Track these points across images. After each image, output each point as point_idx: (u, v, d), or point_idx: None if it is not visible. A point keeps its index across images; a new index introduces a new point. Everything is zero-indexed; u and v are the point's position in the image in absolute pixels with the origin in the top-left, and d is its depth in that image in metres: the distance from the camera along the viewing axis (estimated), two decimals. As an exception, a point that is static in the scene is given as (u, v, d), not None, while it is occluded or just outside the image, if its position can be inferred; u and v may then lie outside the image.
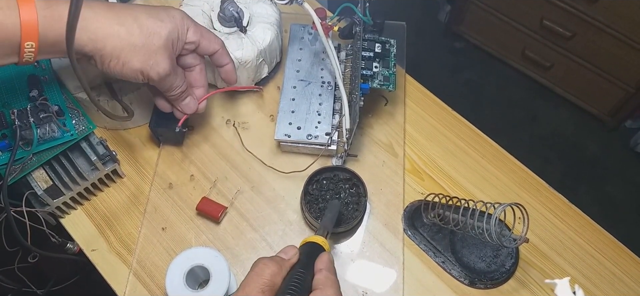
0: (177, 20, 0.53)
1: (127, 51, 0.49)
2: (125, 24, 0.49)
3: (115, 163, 0.61)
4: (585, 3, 1.35)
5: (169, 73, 0.52)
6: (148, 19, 0.50)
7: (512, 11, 1.52)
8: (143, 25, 0.49)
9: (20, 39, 0.43)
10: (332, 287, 0.42)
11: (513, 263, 0.60)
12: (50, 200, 0.57)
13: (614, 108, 1.54)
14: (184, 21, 0.54)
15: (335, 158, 0.65)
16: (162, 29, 0.51)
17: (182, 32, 0.53)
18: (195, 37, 0.55)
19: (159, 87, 0.54)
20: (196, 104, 0.59)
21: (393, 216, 0.63)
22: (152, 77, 0.52)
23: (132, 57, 0.49)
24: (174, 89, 0.55)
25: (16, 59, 0.45)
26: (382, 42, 0.66)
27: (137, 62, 0.50)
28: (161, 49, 0.51)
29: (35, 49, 0.45)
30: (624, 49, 1.37)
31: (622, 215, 1.51)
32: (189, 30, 0.54)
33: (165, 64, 0.51)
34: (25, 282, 0.65)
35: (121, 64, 0.49)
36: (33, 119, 0.54)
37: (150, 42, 0.50)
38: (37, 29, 0.44)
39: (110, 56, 0.49)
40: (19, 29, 0.43)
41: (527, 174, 0.67)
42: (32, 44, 0.44)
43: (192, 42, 0.55)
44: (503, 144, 0.69)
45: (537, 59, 1.58)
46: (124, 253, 0.60)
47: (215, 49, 0.58)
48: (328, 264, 0.44)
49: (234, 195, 0.63)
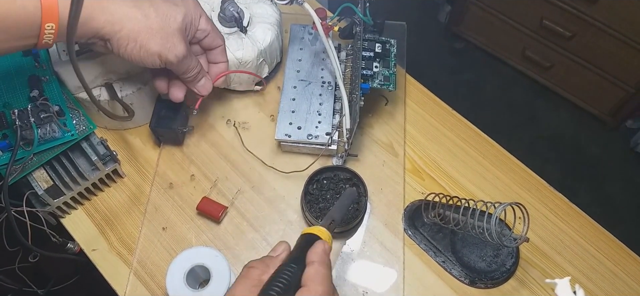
0: (190, 6, 0.53)
1: (144, 33, 0.49)
2: (142, 7, 0.49)
3: (115, 162, 0.61)
4: (585, 3, 1.35)
5: (186, 55, 0.53)
6: (164, 2, 0.51)
7: (512, 11, 1.52)
8: (159, 9, 0.50)
9: (41, 20, 0.43)
10: (322, 283, 0.38)
11: (513, 262, 0.60)
12: (51, 200, 0.57)
13: (614, 108, 1.54)
14: (197, 8, 0.54)
15: (335, 158, 0.65)
16: (177, 13, 0.51)
17: (195, 18, 0.54)
18: (207, 27, 0.56)
19: (176, 69, 0.54)
20: (211, 85, 0.59)
21: (393, 216, 0.63)
22: (170, 60, 0.52)
23: (150, 40, 0.50)
24: (190, 71, 0.55)
25: (35, 41, 0.45)
26: (383, 42, 0.67)
27: (154, 45, 0.50)
28: (177, 32, 0.51)
29: (55, 31, 0.44)
30: (624, 49, 1.37)
31: (622, 215, 1.51)
32: (201, 18, 0.55)
33: (182, 46, 0.52)
34: (26, 282, 0.65)
35: (139, 47, 0.49)
36: (34, 119, 0.54)
37: (166, 25, 0.50)
38: (58, 10, 0.43)
39: (127, 38, 0.49)
40: (40, 10, 0.43)
41: (528, 173, 0.67)
42: (53, 25, 0.44)
43: (203, 30, 0.56)
44: (503, 144, 0.69)
45: (537, 59, 1.58)
46: (124, 252, 0.60)
47: (219, 44, 0.59)
48: (321, 256, 0.40)
49: (234, 195, 0.63)
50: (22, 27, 0.43)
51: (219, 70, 0.60)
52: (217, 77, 0.60)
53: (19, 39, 0.44)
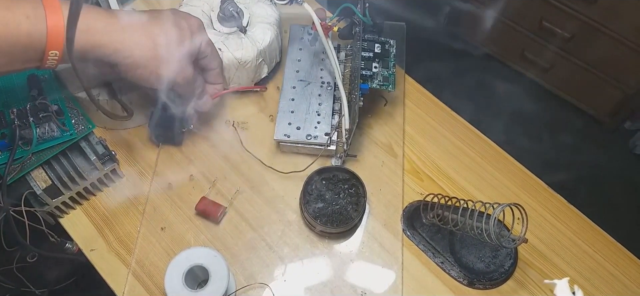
0: (195, 29, 0.54)
1: (153, 60, 0.50)
2: (151, 34, 0.50)
3: (114, 162, 0.61)
4: (584, 4, 1.35)
5: (193, 79, 0.55)
6: (172, 27, 0.51)
7: (511, 12, 1.52)
8: (168, 34, 0.51)
9: (46, 47, 0.44)
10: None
11: (512, 263, 0.60)
12: (50, 200, 0.57)
13: (613, 109, 1.54)
14: (202, 30, 0.55)
15: (334, 158, 0.65)
16: (185, 38, 0.52)
17: (200, 42, 0.55)
18: (207, 50, 0.57)
19: (182, 91, 0.56)
20: (211, 102, 0.61)
21: (392, 217, 0.63)
22: (178, 83, 0.53)
23: (158, 66, 0.51)
24: (195, 91, 0.57)
25: (39, 64, 0.46)
26: (382, 43, 0.67)
27: (164, 71, 0.51)
28: (185, 56, 0.53)
29: (59, 57, 0.45)
30: (623, 50, 1.38)
31: (621, 216, 1.51)
32: (203, 42, 0.56)
33: (189, 69, 0.54)
34: (24, 282, 0.65)
35: (148, 72, 0.51)
36: (32, 118, 0.54)
37: (175, 51, 0.51)
38: (63, 40, 0.44)
39: (136, 65, 0.50)
40: (45, 38, 0.44)
41: (526, 175, 0.67)
42: (56, 53, 0.45)
43: (204, 52, 0.57)
44: (502, 145, 0.69)
45: (537, 60, 1.58)
46: (123, 253, 0.60)
47: (215, 66, 0.59)
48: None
49: (233, 195, 0.63)
50: (27, 53, 0.44)
51: (213, 91, 0.61)
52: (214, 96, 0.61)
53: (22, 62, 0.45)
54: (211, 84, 0.61)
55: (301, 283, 0.58)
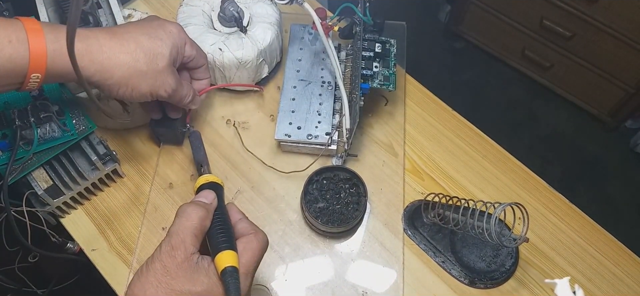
0: (175, 36, 0.53)
1: (134, 77, 0.50)
2: (130, 51, 0.49)
3: (115, 162, 0.61)
4: (585, 3, 1.35)
5: (176, 88, 0.54)
6: (149, 40, 0.51)
7: (512, 11, 1.52)
8: (146, 49, 0.50)
9: (28, 70, 0.44)
10: (258, 232, 0.46)
11: (513, 262, 0.60)
12: (51, 200, 0.57)
13: (614, 108, 1.54)
14: (181, 35, 0.55)
15: (335, 158, 0.65)
16: (164, 49, 0.52)
17: (181, 47, 0.55)
18: (192, 52, 0.56)
19: (169, 101, 0.55)
20: (200, 99, 0.60)
21: (393, 216, 0.63)
22: (161, 95, 0.53)
23: (140, 82, 0.50)
24: (183, 99, 0.56)
25: (19, 86, 0.46)
26: (382, 42, 0.66)
27: (145, 86, 0.51)
28: (166, 68, 0.52)
29: (41, 79, 0.45)
30: (623, 49, 1.37)
31: (622, 215, 1.51)
32: (186, 45, 0.55)
33: (171, 80, 0.53)
34: (26, 282, 0.65)
35: (130, 89, 0.50)
36: (33, 118, 0.54)
37: (155, 65, 0.51)
38: (46, 63, 0.44)
39: (118, 85, 0.49)
40: (28, 62, 0.44)
41: (527, 174, 0.67)
42: (38, 75, 0.45)
43: (189, 56, 0.56)
44: (503, 144, 0.69)
45: (537, 59, 1.58)
46: (124, 252, 0.60)
47: (202, 63, 0.59)
48: (240, 212, 0.48)
49: (234, 195, 0.63)
50: (8, 77, 0.44)
51: (201, 86, 0.61)
52: (201, 92, 0.60)
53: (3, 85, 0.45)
54: (198, 80, 0.61)
55: (302, 283, 0.58)
